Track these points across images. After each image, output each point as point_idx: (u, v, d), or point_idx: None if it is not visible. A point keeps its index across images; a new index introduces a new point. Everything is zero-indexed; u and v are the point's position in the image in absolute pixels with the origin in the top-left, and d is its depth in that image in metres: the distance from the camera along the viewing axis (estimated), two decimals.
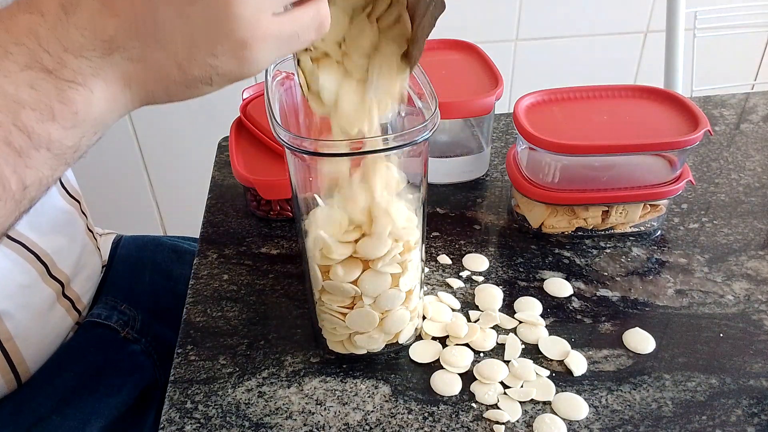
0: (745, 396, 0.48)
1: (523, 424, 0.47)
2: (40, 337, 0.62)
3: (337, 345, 0.51)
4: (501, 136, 0.80)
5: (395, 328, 0.50)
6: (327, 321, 0.50)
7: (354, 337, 0.50)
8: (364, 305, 0.47)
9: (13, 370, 0.60)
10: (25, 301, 0.60)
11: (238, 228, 0.67)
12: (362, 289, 0.46)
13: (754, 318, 0.55)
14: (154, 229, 1.56)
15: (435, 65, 0.72)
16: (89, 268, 0.70)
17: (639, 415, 0.47)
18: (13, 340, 0.59)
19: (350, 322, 0.48)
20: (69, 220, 0.66)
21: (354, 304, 0.48)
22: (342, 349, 0.51)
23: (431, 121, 0.41)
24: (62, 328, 0.65)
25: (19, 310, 0.59)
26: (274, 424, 0.47)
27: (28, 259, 0.60)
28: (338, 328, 0.49)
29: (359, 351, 0.51)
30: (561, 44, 1.41)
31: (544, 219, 0.63)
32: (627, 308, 0.56)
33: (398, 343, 0.52)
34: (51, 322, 0.63)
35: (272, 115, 0.42)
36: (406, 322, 0.50)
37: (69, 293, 0.65)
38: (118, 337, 0.67)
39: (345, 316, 0.48)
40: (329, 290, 0.47)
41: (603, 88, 0.65)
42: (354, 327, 0.49)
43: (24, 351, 0.60)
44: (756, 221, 0.65)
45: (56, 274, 0.63)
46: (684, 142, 0.58)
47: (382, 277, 0.46)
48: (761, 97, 0.87)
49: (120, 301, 0.70)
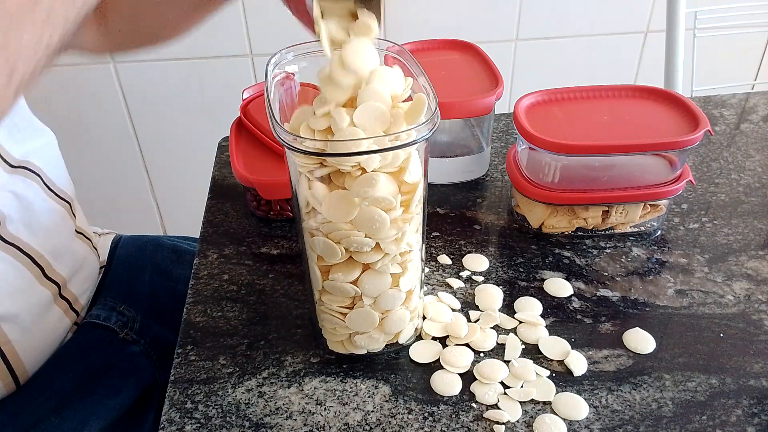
0: (745, 396, 0.48)
1: (523, 424, 0.47)
2: (38, 340, 0.62)
3: (337, 345, 0.51)
4: (501, 136, 0.80)
5: (395, 328, 0.50)
6: (327, 321, 0.50)
7: (354, 337, 0.50)
8: (364, 305, 0.47)
9: (11, 372, 0.60)
10: (21, 303, 0.60)
11: (238, 228, 0.67)
12: (362, 290, 0.46)
13: (754, 318, 0.55)
14: (154, 229, 1.56)
15: (435, 65, 0.72)
16: (86, 270, 0.70)
17: (639, 415, 0.47)
18: (11, 343, 0.59)
19: (350, 323, 0.48)
20: (59, 221, 0.66)
21: (354, 304, 0.48)
22: (342, 349, 0.51)
23: (431, 120, 0.41)
24: (60, 329, 0.65)
25: (16, 313, 0.59)
26: (275, 424, 0.47)
27: (23, 261, 0.60)
28: (338, 328, 0.49)
29: (359, 351, 0.51)
30: (561, 44, 1.41)
31: (544, 219, 0.63)
32: (627, 308, 0.56)
33: (398, 343, 0.52)
34: (49, 324, 0.63)
35: (272, 115, 0.42)
36: (407, 322, 0.50)
37: (66, 294, 0.65)
38: (117, 338, 0.67)
39: (345, 316, 0.48)
40: (329, 290, 0.47)
41: (603, 88, 0.65)
42: (354, 327, 0.49)
43: (22, 354, 0.60)
44: (756, 221, 0.65)
45: (52, 275, 0.63)
46: (684, 142, 0.58)
47: (382, 277, 0.46)
48: (761, 97, 0.87)
49: (119, 302, 0.70)
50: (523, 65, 1.43)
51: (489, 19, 1.36)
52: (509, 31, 1.38)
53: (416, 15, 1.32)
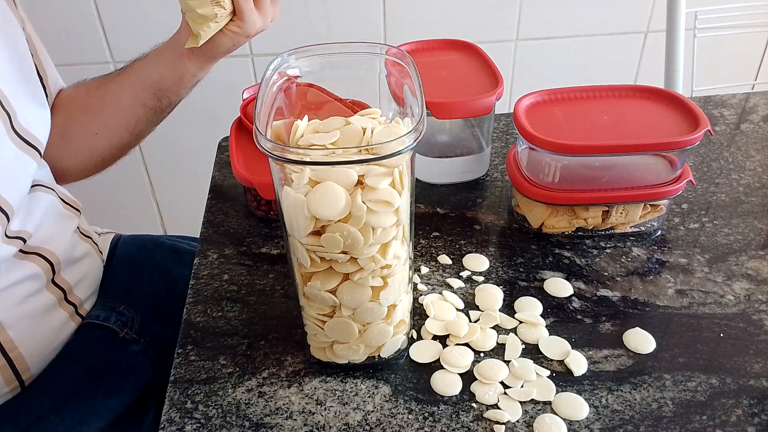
0: (745, 396, 0.48)
1: (523, 424, 0.47)
2: (43, 344, 0.63)
3: (319, 352, 0.51)
4: (501, 136, 0.80)
5: (376, 341, 0.49)
6: (309, 327, 0.49)
7: (334, 347, 0.49)
8: (343, 316, 0.46)
9: (17, 377, 0.60)
10: (28, 309, 0.60)
11: (238, 228, 0.67)
12: (340, 300, 0.45)
13: (754, 318, 0.55)
14: (154, 229, 1.56)
15: (435, 65, 0.72)
16: (92, 275, 0.70)
17: (639, 415, 0.47)
18: (17, 349, 0.59)
19: (329, 331, 0.48)
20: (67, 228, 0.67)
21: (334, 313, 0.47)
22: (323, 356, 0.51)
23: (415, 130, 0.40)
24: (65, 333, 0.65)
25: (22, 319, 0.60)
26: (275, 424, 0.47)
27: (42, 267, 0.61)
28: (319, 335, 0.49)
29: (340, 360, 0.50)
30: (561, 44, 1.41)
31: (545, 219, 0.63)
32: (627, 308, 0.56)
33: (380, 356, 0.51)
34: (54, 328, 0.64)
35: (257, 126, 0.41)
36: (388, 337, 0.49)
37: (72, 299, 0.66)
38: (117, 337, 0.67)
39: (325, 324, 0.47)
40: (309, 296, 0.47)
41: (603, 88, 0.65)
42: (333, 336, 0.48)
43: (28, 358, 0.61)
44: (756, 221, 0.65)
45: (59, 281, 0.64)
46: (684, 142, 0.58)
47: (361, 289, 0.45)
48: (761, 97, 0.87)
49: (119, 302, 0.70)
50: (523, 65, 1.43)
51: (489, 20, 1.36)
52: (510, 32, 1.38)
53: (417, 15, 1.32)
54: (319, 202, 0.41)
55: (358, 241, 0.42)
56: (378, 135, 0.43)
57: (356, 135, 0.44)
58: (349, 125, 0.44)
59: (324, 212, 0.41)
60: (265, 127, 0.43)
